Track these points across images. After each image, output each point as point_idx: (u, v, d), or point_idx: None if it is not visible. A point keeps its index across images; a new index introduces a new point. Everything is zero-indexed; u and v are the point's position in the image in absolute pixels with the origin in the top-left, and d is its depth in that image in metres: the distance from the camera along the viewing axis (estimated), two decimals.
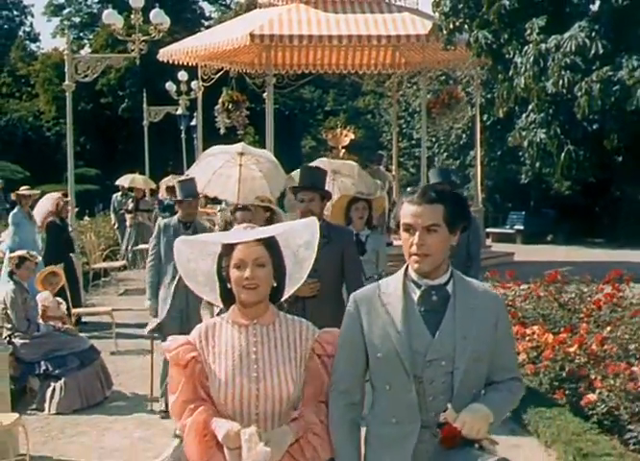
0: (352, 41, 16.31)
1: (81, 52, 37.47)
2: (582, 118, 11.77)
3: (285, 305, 3.27)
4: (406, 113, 29.50)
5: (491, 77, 15.43)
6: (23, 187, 12.29)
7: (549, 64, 11.78)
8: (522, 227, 24.02)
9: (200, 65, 18.48)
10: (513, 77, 12.51)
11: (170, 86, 25.29)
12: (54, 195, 12.00)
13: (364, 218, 7.33)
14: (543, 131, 12.40)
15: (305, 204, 5.40)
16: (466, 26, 13.50)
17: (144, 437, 6.76)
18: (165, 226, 7.37)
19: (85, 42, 48.54)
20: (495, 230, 23.77)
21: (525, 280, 9.95)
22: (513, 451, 5.96)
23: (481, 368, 2.91)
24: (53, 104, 41.26)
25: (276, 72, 18.66)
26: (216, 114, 18.31)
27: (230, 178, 8.81)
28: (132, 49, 13.13)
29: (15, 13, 56.91)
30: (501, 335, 2.94)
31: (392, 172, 19.80)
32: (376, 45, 17.58)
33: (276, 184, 8.90)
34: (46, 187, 21.50)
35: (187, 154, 25.65)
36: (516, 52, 12.46)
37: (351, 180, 9.26)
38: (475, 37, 13.05)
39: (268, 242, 3.06)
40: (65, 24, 47.17)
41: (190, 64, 18.52)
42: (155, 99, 26.85)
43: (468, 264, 7.07)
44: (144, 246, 14.45)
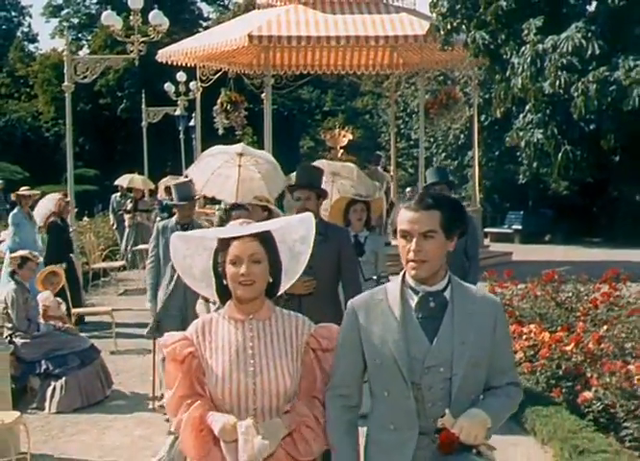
0: (350, 42, 16.36)
1: (79, 53, 37.52)
2: (579, 118, 11.79)
3: (281, 302, 3.28)
4: (405, 114, 29.54)
5: (488, 77, 15.47)
6: (23, 188, 12.33)
7: (546, 65, 11.80)
8: (520, 226, 24.06)
9: (198, 66, 18.54)
10: (510, 77, 12.53)
11: (169, 87, 25.30)
12: (55, 195, 12.05)
13: (363, 220, 7.34)
14: (540, 131, 12.42)
15: (301, 202, 5.39)
16: (463, 26, 13.53)
17: (144, 435, 6.80)
18: (163, 228, 7.42)
19: (83, 43, 48.58)
20: (493, 230, 23.81)
21: (523, 280, 9.99)
22: (510, 449, 6.02)
23: (480, 373, 2.92)
24: (52, 104, 41.32)
25: (274, 73, 18.71)
26: (215, 115, 18.35)
27: (228, 178, 8.81)
28: (130, 50, 13.16)
29: (14, 14, 56.93)
30: (499, 338, 2.94)
31: (390, 172, 19.85)
32: (374, 46, 17.64)
33: (274, 186, 8.91)
34: (45, 188, 21.55)
35: (186, 154, 25.67)
36: (513, 52, 12.48)
37: (350, 182, 9.27)
38: (472, 38, 13.07)
39: (264, 238, 3.07)
40: (64, 25, 47.14)
41: (189, 65, 18.56)
42: (153, 100, 26.86)
43: (466, 265, 7.11)
44: (143, 246, 14.49)
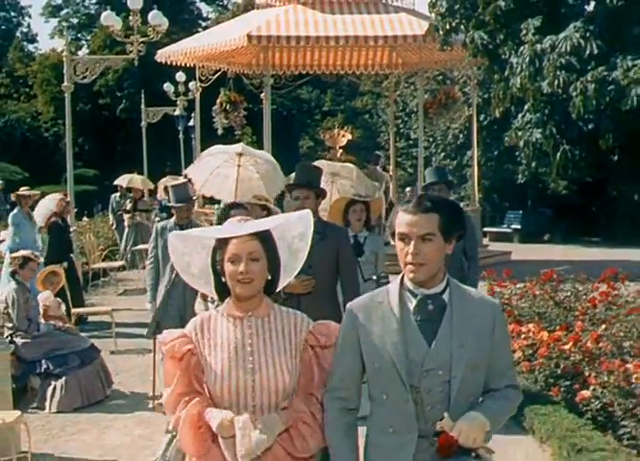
0: (349, 42, 16.37)
1: (78, 53, 37.55)
2: (578, 118, 11.81)
3: (280, 301, 3.27)
4: (404, 113, 29.56)
5: (487, 77, 15.50)
6: (23, 188, 12.35)
7: (544, 65, 11.83)
8: (519, 226, 24.08)
9: (198, 66, 18.55)
10: (509, 77, 12.55)
11: (168, 87, 25.34)
12: (56, 196, 12.07)
13: (362, 220, 7.35)
14: (539, 130, 12.44)
15: (299, 201, 5.39)
16: (462, 26, 13.55)
17: (144, 435, 6.82)
18: (162, 229, 7.44)
19: (82, 43, 48.61)
20: (492, 230, 23.83)
21: (522, 279, 10.01)
22: (509, 447, 6.04)
23: (479, 376, 2.91)
24: (51, 105, 41.36)
25: (273, 73, 18.74)
26: (214, 115, 18.36)
27: (227, 178, 8.82)
28: (130, 50, 13.19)
29: (13, 14, 56.97)
30: (498, 340, 2.94)
31: (389, 172, 19.88)
32: (373, 46, 17.63)
33: (273, 186, 8.91)
34: (45, 188, 21.56)
35: (185, 154, 25.71)
36: (512, 52, 12.51)
37: (349, 182, 9.27)
38: (471, 38, 13.10)
39: (262, 236, 3.07)
40: (63, 25, 47.16)
41: (188, 65, 18.57)
42: (153, 100, 26.89)
43: (465, 265, 7.12)
44: (143, 246, 14.52)
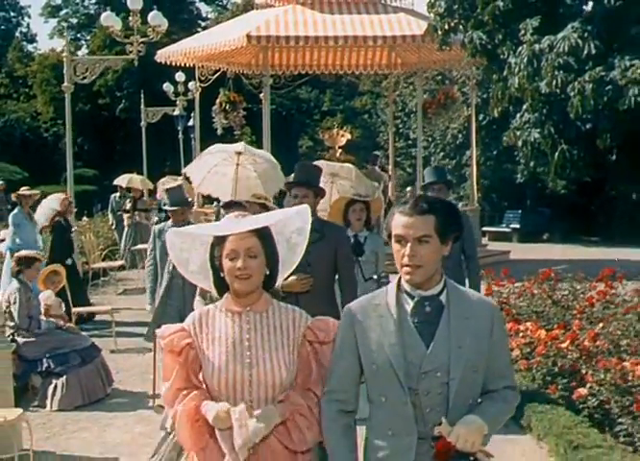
0: (348, 42, 16.41)
1: (78, 53, 37.58)
2: (576, 118, 11.84)
3: (278, 299, 3.27)
4: (403, 113, 29.59)
5: (486, 77, 15.53)
6: (23, 188, 12.39)
7: (542, 65, 11.86)
8: (518, 225, 24.12)
9: (197, 66, 18.59)
10: (507, 77, 12.58)
11: (168, 87, 25.36)
12: (59, 195, 12.10)
13: (362, 220, 7.38)
14: (537, 130, 12.46)
15: (298, 199, 5.39)
16: (461, 27, 13.58)
17: (145, 432, 6.85)
18: (160, 231, 7.46)
19: (82, 43, 48.64)
20: (491, 229, 23.87)
21: (520, 279, 10.06)
22: (507, 445, 6.08)
23: (477, 378, 2.90)
24: (50, 105, 41.36)
25: (273, 73, 18.76)
26: (213, 115, 18.41)
27: (224, 176, 8.84)
28: (130, 51, 13.23)
29: (12, 14, 56.98)
30: (496, 341, 2.93)
31: (389, 172, 19.91)
32: (372, 46, 17.68)
33: (271, 185, 8.94)
34: (45, 188, 21.58)
35: (185, 154, 25.72)
36: (510, 52, 12.53)
37: (349, 182, 9.30)
38: (469, 38, 13.13)
39: (260, 232, 3.08)
40: (63, 25, 47.20)
41: (188, 65, 18.61)
42: (152, 100, 26.91)
43: (463, 265, 7.16)
44: (142, 246, 14.56)
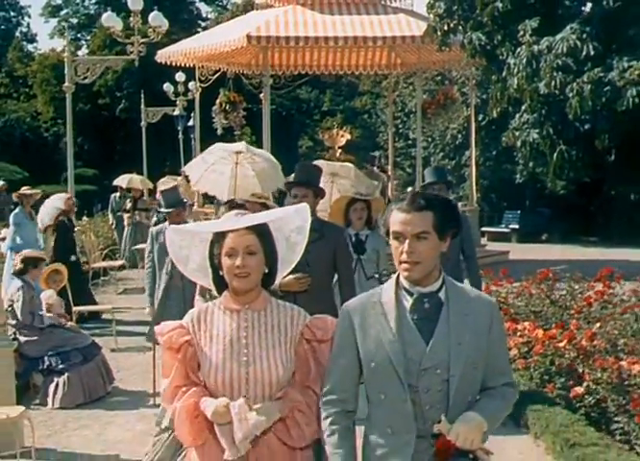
0: (348, 43, 16.44)
1: (78, 53, 37.62)
2: (574, 118, 11.91)
3: (276, 298, 3.28)
4: (403, 114, 29.64)
5: (485, 78, 15.60)
6: (24, 187, 12.43)
7: (541, 65, 11.93)
8: (517, 226, 24.16)
9: (197, 66, 18.63)
10: (507, 78, 12.65)
11: (168, 87, 25.44)
12: (62, 195, 12.15)
13: (363, 219, 7.42)
14: (536, 131, 12.54)
15: (298, 199, 5.38)
16: (460, 27, 13.66)
17: (146, 430, 6.85)
18: (157, 233, 7.47)
19: (82, 43, 48.68)
20: (490, 230, 23.91)
21: (519, 279, 10.10)
22: (504, 443, 6.13)
23: (477, 375, 2.90)
24: (51, 104, 41.42)
25: (273, 73, 18.81)
26: (214, 115, 18.46)
27: (222, 174, 8.85)
28: (130, 51, 13.30)
29: (12, 14, 57.03)
30: (495, 338, 2.93)
31: (388, 172, 19.96)
32: (372, 46, 17.71)
33: (269, 184, 8.99)
34: (45, 188, 21.62)
35: (185, 154, 25.78)
36: (509, 53, 12.61)
37: (349, 181, 9.32)
38: (469, 39, 13.20)
39: (259, 230, 3.08)
40: (63, 25, 47.25)
41: (188, 66, 18.65)
42: (152, 100, 26.98)
43: (462, 265, 7.21)
44: (143, 245, 14.58)
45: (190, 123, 25.51)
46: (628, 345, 7.32)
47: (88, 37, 48.50)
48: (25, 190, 11.97)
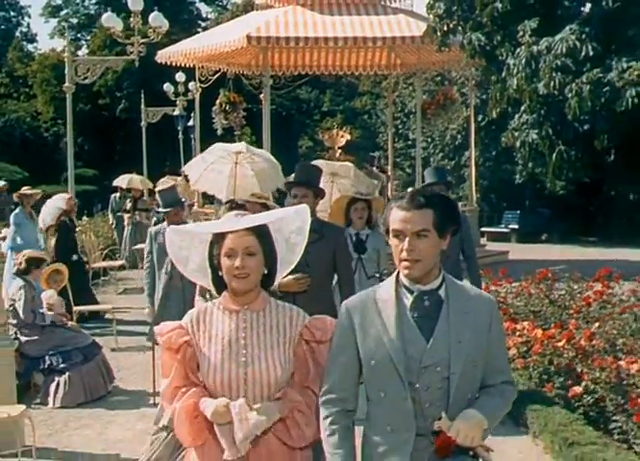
0: (347, 43, 16.46)
1: (78, 53, 37.66)
2: (573, 119, 11.94)
3: (276, 298, 3.28)
4: (402, 114, 29.68)
5: (485, 78, 15.64)
6: (25, 188, 12.45)
7: (540, 66, 11.95)
8: (517, 226, 24.19)
9: (197, 67, 18.66)
10: (506, 78, 12.68)
11: (168, 88, 25.46)
12: (63, 195, 12.18)
13: (364, 218, 7.45)
14: (535, 131, 12.57)
15: (297, 199, 5.40)
16: (460, 28, 13.69)
17: (146, 429, 6.84)
18: (156, 233, 7.47)
19: (82, 43, 48.72)
20: (490, 230, 23.94)
21: (518, 278, 10.13)
22: (503, 442, 6.16)
23: (476, 373, 2.90)
24: (51, 104, 41.46)
25: (273, 73, 18.84)
26: (214, 115, 18.49)
27: (220, 173, 8.87)
28: (130, 51, 13.32)
29: (12, 14, 57.08)
30: (494, 336, 2.93)
31: (388, 172, 19.99)
32: (371, 47, 17.73)
33: (267, 184, 9.02)
34: (46, 188, 21.65)
35: (185, 154, 25.81)
36: (509, 54, 12.64)
37: (349, 181, 9.35)
38: (468, 39, 13.23)
39: (259, 231, 3.08)
40: (64, 25, 47.30)
41: (188, 66, 18.68)
42: (152, 100, 27.00)
43: (461, 265, 7.23)
44: (143, 245, 14.59)
45: (190, 123, 25.54)
46: (627, 344, 7.35)
47: (88, 38, 48.55)
48: (25, 190, 11.99)
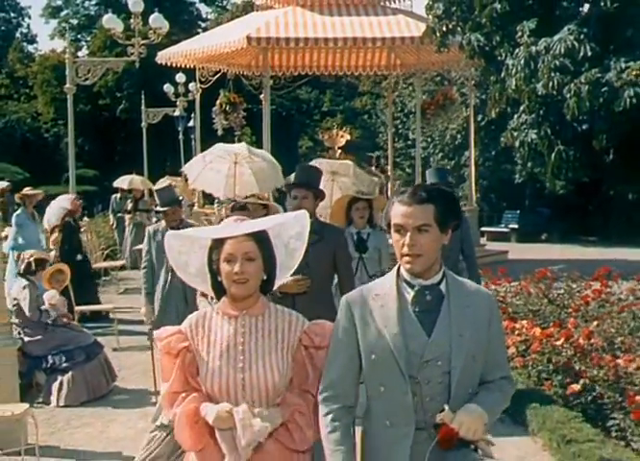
0: (347, 44, 16.50)
1: (78, 54, 37.70)
2: (572, 119, 11.98)
3: (275, 300, 3.30)
4: (402, 114, 29.72)
5: (484, 78, 15.68)
6: (27, 188, 12.49)
7: (539, 66, 11.99)
8: (516, 225, 24.23)
9: (198, 67, 18.70)
10: (505, 78, 12.72)
11: (168, 88, 25.49)
12: (68, 196, 12.22)
13: (365, 217, 7.51)
14: (534, 131, 12.61)
15: (298, 201, 5.42)
16: (459, 29, 13.72)
17: (147, 428, 6.81)
18: (154, 232, 7.48)
19: (82, 44, 48.74)
20: (490, 229, 23.97)
21: (518, 278, 10.17)
22: (501, 440, 6.21)
23: (477, 367, 2.91)
24: (51, 105, 41.49)
25: (273, 74, 18.87)
26: (214, 116, 18.53)
27: (218, 172, 8.91)
28: (131, 52, 13.37)
29: (13, 15, 57.10)
30: (494, 332, 2.95)
31: (388, 172, 20.05)
32: (371, 47, 17.76)
33: (266, 184, 9.08)
34: (46, 188, 21.68)
35: (185, 154, 25.84)
36: (507, 54, 12.67)
37: (350, 179, 9.39)
38: (467, 40, 13.27)
39: (258, 236, 3.08)
40: (64, 26, 47.32)
41: (188, 67, 18.73)
42: (153, 101, 27.03)
43: (461, 265, 7.28)
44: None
45: (191, 124, 25.57)
46: (625, 343, 7.41)
47: (89, 38, 48.57)
48: (28, 191, 12.03)
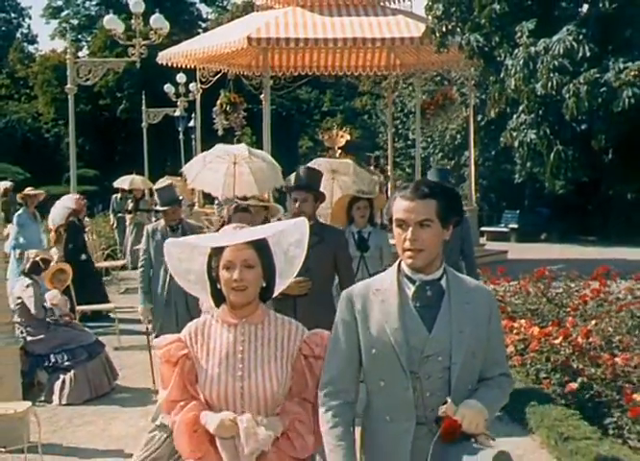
0: (347, 44, 16.55)
1: (79, 54, 37.73)
2: (571, 119, 12.01)
3: (275, 301, 3.33)
4: (402, 114, 29.75)
5: (483, 79, 15.72)
6: (28, 188, 12.52)
7: (538, 67, 12.02)
8: (516, 225, 24.27)
9: (198, 68, 18.76)
10: (504, 79, 12.75)
11: (169, 88, 25.53)
12: (72, 196, 12.27)
13: (366, 216, 7.55)
14: (533, 131, 12.63)
15: (298, 203, 5.42)
16: (458, 29, 13.74)
17: (149, 426, 7.01)
18: (153, 230, 7.46)
19: (83, 44, 48.79)
20: (489, 229, 24.01)
21: (517, 277, 10.22)
22: (500, 437, 6.25)
23: (476, 364, 2.91)
24: (52, 105, 41.53)
25: (273, 74, 18.93)
26: (214, 116, 18.60)
27: (217, 172, 8.96)
28: (132, 53, 13.42)
29: (13, 15, 57.14)
30: (493, 329, 2.96)
31: (388, 172, 20.10)
32: (371, 47, 17.81)
33: (265, 184, 9.12)
34: (47, 188, 21.71)
35: (185, 155, 25.89)
36: (507, 54, 12.70)
37: (350, 178, 9.43)
38: (466, 40, 13.29)
39: (257, 243, 3.07)
40: (65, 26, 47.38)
41: (189, 67, 18.79)
42: (153, 101, 27.08)
43: (460, 264, 7.33)
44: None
45: (191, 124, 25.63)
46: (623, 342, 7.47)
47: (89, 38, 48.61)
48: (29, 191, 12.07)
